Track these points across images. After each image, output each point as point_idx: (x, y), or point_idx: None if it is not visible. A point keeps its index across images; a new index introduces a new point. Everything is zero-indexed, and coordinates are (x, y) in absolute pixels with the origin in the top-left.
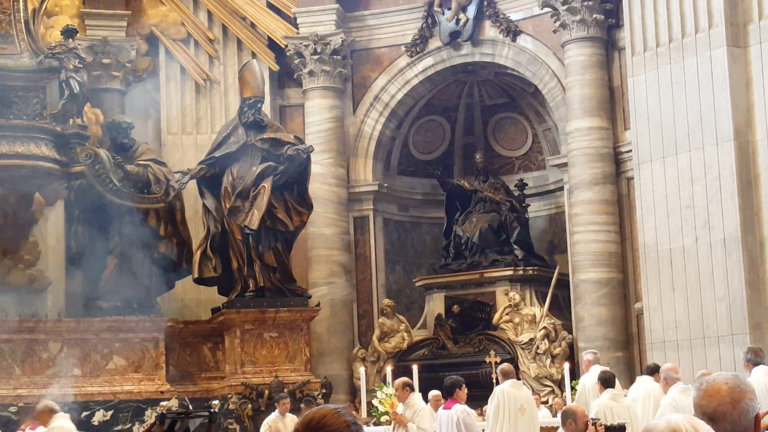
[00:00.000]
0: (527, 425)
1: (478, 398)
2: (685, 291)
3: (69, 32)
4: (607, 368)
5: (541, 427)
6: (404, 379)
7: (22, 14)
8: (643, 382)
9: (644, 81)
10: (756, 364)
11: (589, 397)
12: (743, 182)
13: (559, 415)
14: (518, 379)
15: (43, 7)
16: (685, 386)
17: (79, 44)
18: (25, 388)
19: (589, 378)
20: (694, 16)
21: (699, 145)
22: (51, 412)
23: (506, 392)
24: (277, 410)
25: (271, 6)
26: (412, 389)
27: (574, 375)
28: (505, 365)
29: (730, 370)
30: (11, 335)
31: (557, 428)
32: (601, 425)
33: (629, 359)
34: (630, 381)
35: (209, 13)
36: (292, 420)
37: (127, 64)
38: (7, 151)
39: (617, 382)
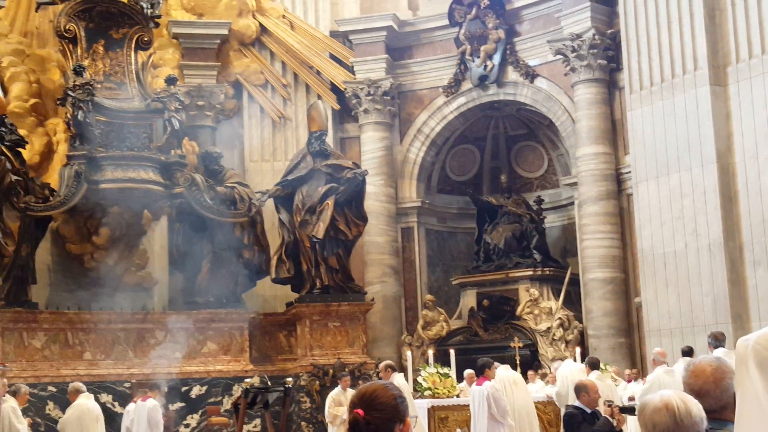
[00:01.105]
0: (521, 393)
1: None
2: (677, 287)
3: (171, 80)
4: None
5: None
6: (387, 362)
7: (133, 66)
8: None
9: (641, 114)
10: (716, 347)
11: (569, 381)
12: (724, 197)
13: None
14: (538, 360)
15: (150, 61)
16: (669, 368)
17: (179, 90)
18: (137, 368)
19: (565, 368)
20: (682, 60)
21: (687, 166)
22: (77, 392)
23: (503, 375)
24: (339, 386)
25: (333, 57)
26: (394, 370)
27: (584, 357)
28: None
29: (713, 354)
30: (126, 325)
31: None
32: (616, 407)
33: (630, 344)
34: (631, 362)
35: (283, 64)
36: (351, 394)
37: (217, 105)
38: (122, 176)
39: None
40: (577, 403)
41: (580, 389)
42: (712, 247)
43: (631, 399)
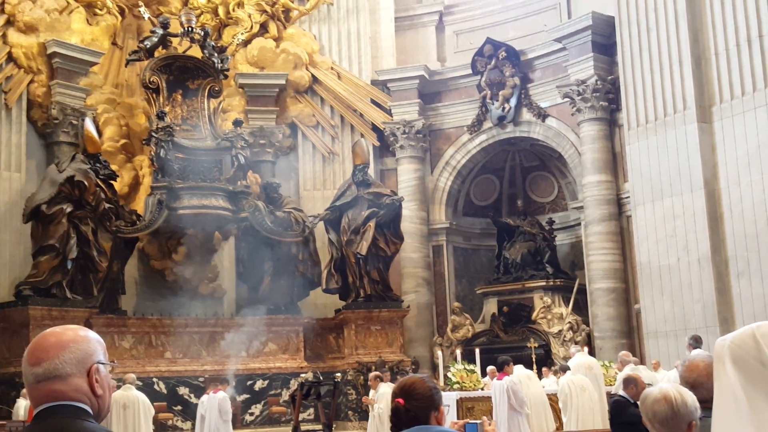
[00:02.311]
0: (535, 386)
1: None
2: (671, 295)
3: (237, 123)
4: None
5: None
6: (375, 373)
7: (206, 111)
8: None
9: (637, 148)
10: (695, 347)
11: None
12: (711, 218)
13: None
14: (551, 359)
15: (220, 107)
16: (635, 366)
17: (244, 131)
18: (209, 365)
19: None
20: (673, 101)
21: (678, 192)
22: (123, 383)
23: (518, 373)
24: (381, 379)
25: (373, 101)
26: (381, 380)
27: (591, 355)
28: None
29: (705, 351)
30: (200, 329)
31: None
32: None
33: (631, 345)
34: None
35: (331, 108)
36: (391, 386)
37: (276, 143)
38: (196, 203)
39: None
40: (622, 393)
41: (629, 382)
42: (701, 261)
43: None
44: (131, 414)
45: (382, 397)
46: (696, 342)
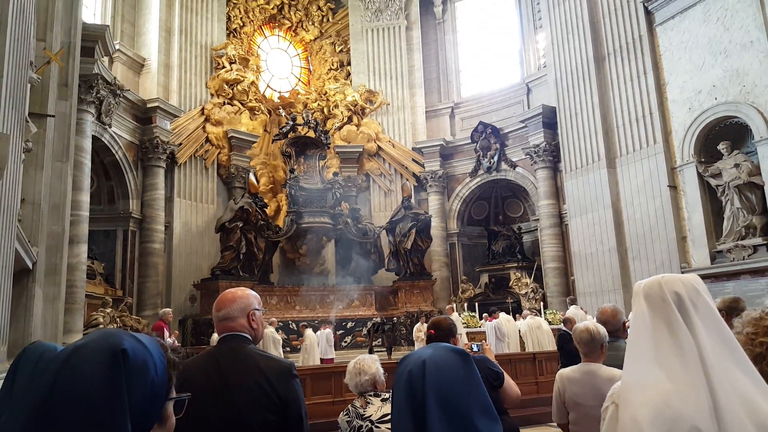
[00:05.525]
0: (512, 326)
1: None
2: (592, 271)
3: (335, 174)
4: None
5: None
6: (303, 323)
7: (318, 168)
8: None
9: (571, 184)
10: (572, 304)
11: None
12: (616, 225)
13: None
14: (521, 309)
15: (325, 165)
16: (509, 317)
17: (339, 179)
18: (320, 313)
19: (500, 319)
20: (591, 155)
21: (596, 209)
22: (269, 324)
23: (503, 317)
24: (420, 321)
25: (414, 160)
26: (306, 327)
27: (546, 307)
28: (497, 310)
29: (612, 303)
30: (315, 293)
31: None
32: None
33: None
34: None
35: (389, 164)
36: (425, 326)
37: (357, 185)
38: (312, 221)
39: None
40: (564, 329)
41: (567, 321)
42: (611, 251)
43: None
44: (267, 341)
45: (308, 338)
46: (572, 302)
